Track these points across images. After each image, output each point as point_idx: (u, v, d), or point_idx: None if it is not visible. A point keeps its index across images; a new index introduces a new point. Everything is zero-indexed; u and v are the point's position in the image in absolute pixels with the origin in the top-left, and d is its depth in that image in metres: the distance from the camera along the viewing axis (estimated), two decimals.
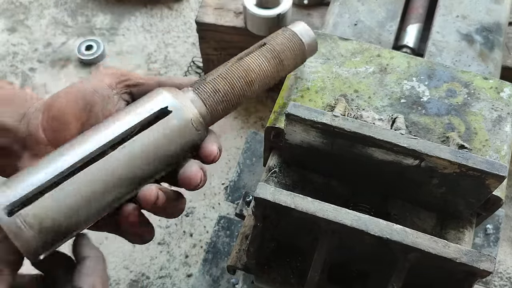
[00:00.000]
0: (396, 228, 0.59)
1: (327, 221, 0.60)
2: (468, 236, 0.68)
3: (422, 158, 0.62)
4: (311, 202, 0.61)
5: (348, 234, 0.60)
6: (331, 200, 0.63)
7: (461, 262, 0.58)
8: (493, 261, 0.58)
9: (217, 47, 1.17)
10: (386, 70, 0.76)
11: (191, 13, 1.39)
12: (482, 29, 0.88)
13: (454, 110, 0.73)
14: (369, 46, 0.79)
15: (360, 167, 0.67)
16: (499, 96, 0.74)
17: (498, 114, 0.73)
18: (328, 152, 0.66)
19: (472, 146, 0.70)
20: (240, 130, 1.17)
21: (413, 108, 0.73)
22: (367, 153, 0.64)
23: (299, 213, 0.60)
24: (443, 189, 0.65)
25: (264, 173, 0.73)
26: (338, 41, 0.79)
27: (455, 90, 0.75)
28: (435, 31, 0.88)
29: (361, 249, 0.63)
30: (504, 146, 0.70)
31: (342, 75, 0.76)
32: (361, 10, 0.91)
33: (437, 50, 0.86)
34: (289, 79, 0.76)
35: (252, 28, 1.06)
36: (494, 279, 0.97)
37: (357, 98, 0.74)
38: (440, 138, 0.71)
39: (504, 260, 0.99)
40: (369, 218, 0.60)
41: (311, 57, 0.68)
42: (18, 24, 1.59)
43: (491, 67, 0.84)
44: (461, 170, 0.61)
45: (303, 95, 0.74)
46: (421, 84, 0.75)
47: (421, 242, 0.59)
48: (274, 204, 0.60)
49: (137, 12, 1.41)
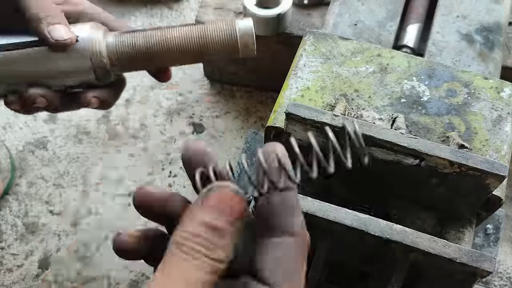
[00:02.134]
0: (396, 228, 0.59)
1: (327, 221, 0.60)
2: (468, 236, 0.68)
3: (422, 157, 0.62)
4: (311, 202, 0.61)
5: (348, 234, 0.60)
6: (331, 200, 0.63)
7: (461, 262, 0.58)
8: (493, 261, 0.58)
9: None
10: (386, 70, 0.76)
11: (191, 13, 1.39)
12: (482, 29, 0.88)
13: (454, 110, 0.73)
14: (369, 46, 0.79)
15: (360, 167, 0.67)
16: (499, 96, 0.74)
17: (498, 114, 0.73)
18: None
19: (472, 145, 0.70)
20: (240, 130, 1.16)
21: (413, 107, 0.73)
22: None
23: None
24: (443, 189, 0.65)
25: None
26: (338, 40, 0.79)
27: (455, 90, 0.75)
28: (435, 31, 0.88)
29: (361, 249, 0.63)
30: (504, 146, 0.70)
31: (342, 74, 0.76)
32: (361, 10, 0.91)
33: (437, 50, 0.86)
34: (289, 78, 0.76)
35: None
36: (494, 279, 0.97)
37: (357, 97, 0.74)
38: (440, 138, 0.71)
39: (504, 260, 0.99)
40: (369, 218, 0.60)
41: (249, 55, 0.66)
42: None
43: (491, 67, 0.84)
44: (461, 169, 0.61)
45: (303, 94, 0.74)
46: (421, 83, 0.75)
47: (421, 242, 0.59)
48: None
49: (137, 12, 1.41)
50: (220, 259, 0.36)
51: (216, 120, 1.18)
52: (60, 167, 1.10)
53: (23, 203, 1.06)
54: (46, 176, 1.09)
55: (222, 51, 0.64)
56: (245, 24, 0.64)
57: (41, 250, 1.01)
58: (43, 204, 1.06)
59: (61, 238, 1.02)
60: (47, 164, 1.10)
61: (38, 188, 1.07)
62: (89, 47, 0.62)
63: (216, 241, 0.36)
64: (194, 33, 0.63)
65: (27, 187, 1.07)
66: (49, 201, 1.06)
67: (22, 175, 1.09)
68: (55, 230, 1.03)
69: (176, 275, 0.35)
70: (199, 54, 0.64)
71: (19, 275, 0.99)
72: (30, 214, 1.05)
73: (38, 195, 1.07)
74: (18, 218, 1.04)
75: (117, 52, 0.63)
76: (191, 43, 0.63)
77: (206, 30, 0.63)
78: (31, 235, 1.02)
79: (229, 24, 0.63)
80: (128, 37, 0.64)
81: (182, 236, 0.37)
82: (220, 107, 1.20)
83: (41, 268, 0.99)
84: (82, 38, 0.62)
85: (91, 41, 0.62)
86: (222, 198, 0.38)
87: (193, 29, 0.63)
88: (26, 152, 1.11)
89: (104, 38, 0.63)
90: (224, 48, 0.64)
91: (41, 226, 1.03)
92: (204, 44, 0.63)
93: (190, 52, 0.64)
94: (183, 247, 0.36)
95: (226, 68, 1.21)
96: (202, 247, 0.36)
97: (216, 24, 0.63)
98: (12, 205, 1.05)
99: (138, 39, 0.63)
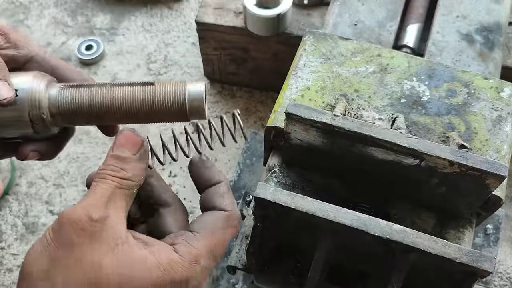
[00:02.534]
0: (396, 228, 0.59)
1: (327, 221, 0.60)
2: (468, 236, 0.68)
3: (422, 157, 0.62)
4: (311, 202, 0.61)
5: (348, 234, 0.60)
6: (331, 200, 0.63)
7: (461, 262, 0.58)
8: (493, 261, 0.58)
9: (217, 47, 1.17)
10: (387, 70, 0.76)
11: (191, 13, 1.39)
12: (482, 29, 0.88)
13: (454, 110, 0.73)
14: (369, 46, 0.79)
15: (360, 166, 0.67)
16: (499, 96, 0.74)
17: (498, 114, 0.73)
18: (328, 152, 0.66)
19: (472, 145, 0.70)
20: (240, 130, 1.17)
21: (413, 107, 0.73)
22: (367, 153, 0.64)
23: (299, 213, 0.60)
24: (443, 189, 0.65)
25: (264, 173, 0.73)
26: (338, 40, 0.79)
27: (455, 90, 0.75)
28: (435, 31, 0.88)
29: (361, 249, 0.63)
30: (504, 146, 0.70)
31: (342, 74, 0.76)
32: (361, 10, 0.91)
33: (437, 50, 0.86)
34: (289, 78, 0.76)
35: (252, 28, 1.06)
36: (494, 279, 0.97)
37: (357, 97, 0.74)
38: (440, 138, 0.71)
39: (504, 260, 0.99)
40: (369, 218, 0.60)
41: (200, 119, 0.62)
42: (18, 24, 1.59)
43: (491, 67, 0.84)
44: (461, 169, 0.61)
45: (303, 94, 0.74)
46: (421, 83, 0.75)
47: (421, 242, 0.59)
48: (274, 204, 0.60)
49: (137, 12, 1.41)
50: (126, 177, 0.51)
51: (216, 120, 1.18)
52: (60, 167, 1.10)
53: (23, 203, 1.06)
54: (46, 176, 1.09)
55: (170, 116, 0.60)
56: (196, 89, 0.59)
57: None
58: (43, 204, 1.06)
59: None
60: (47, 164, 1.10)
61: (38, 188, 1.07)
62: (28, 100, 0.58)
63: (122, 166, 0.52)
64: (141, 95, 0.59)
65: (27, 187, 1.07)
66: (49, 201, 1.06)
67: (22, 175, 1.09)
68: None
69: (93, 194, 0.50)
70: (146, 117, 0.60)
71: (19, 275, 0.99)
72: (30, 214, 1.05)
73: (38, 195, 1.07)
74: (18, 218, 1.04)
75: (59, 107, 0.60)
76: (137, 106, 0.59)
77: (154, 92, 0.59)
78: (31, 235, 1.02)
79: (178, 89, 0.59)
80: (72, 92, 0.60)
81: (100, 168, 0.52)
82: (220, 107, 1.20)
83: None
84: (22, 89, 0.58)
85: (31, 93, 0.59)
86: (123, 138, 0.54)
87: (141, 90, 0.59)
88: None
89: (46, 90, 0.60)
90: (172, 113, 0.60)
91: (41, 226, 1.03)
92: (151, 108, 0.59)
93: (136, 114, 0.60)
94: (100, 175, 0.51)
95: (226, 68, 1.21)
96: (111, 171, 0.51)
97: (165, 87, 0.60)
98: (12, 205, 1.05)
99: (82, 95, 0.59)
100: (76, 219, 0.47)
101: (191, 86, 0.60)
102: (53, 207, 1.05)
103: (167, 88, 0.60)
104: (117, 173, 0.51)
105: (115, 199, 0.50)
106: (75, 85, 0.61)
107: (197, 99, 0.59)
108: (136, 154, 0.53)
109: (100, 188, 0.50)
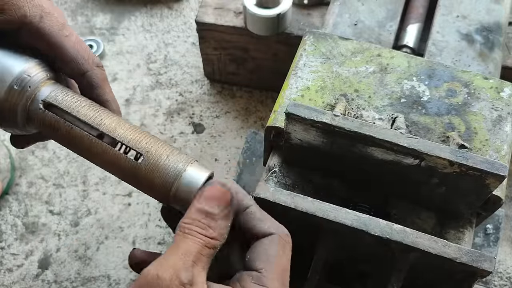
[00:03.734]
0: (396, 228, 0.59)
1: (327, 221, 0.60)
2: (468, 236, 0.68)
3: (422, 157, 0.62)
4: (311, 202, 0.61)
5: (348, 234, 0.60)
6: (331, 200, 0.63)
7: (461, 262, 0.58)
8: (493, 261, 0.58)
9: (217, 47, 1.17)
10: (386, 70, 0.76)
11: (191, 13, 1.39)
12: (482, 29, 0.88)
13: (454, 110, 0.73)
14: (369, 46, 0.79)
15: (360, 166, 0.67)
16: (499, 96, 0.74)
17: (498, 114, 0.73)
18: (328, 152, 0.66)
19: (472, 145, 0.70)
20: (240, 130, 1.16)
21: (413, 107, 0.73)
22: (367, 153, 0.64)
23: (299, 213, 0.60)
24: (443, 189, 0.65)
25: (264, 173, 0.73)
26: (338, 40, 0.79)
27: (455, 90, 0.75)
28: (435, 31, 0.88)
29: (361, 249, 0.63)
30: (504, 145, 0.70)
31: (342, 74, 0.76)
32: (361, 10, 0.91)
33: (437, 50, 0.86)
34: (289, 78, 0.76)
35: (252, 28, 1.06)
36: (494, 279, 0.97)
37: (357, 97, 0.74)
38: (440, 138, 0.71)
39: (504, 260, 0.99)
40: (369, 218, 0.60)
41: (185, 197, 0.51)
42: None
43: (491, 67, 0.84)
44: (461, 169, 0.61)
45: (303, 94, 0.74)
46: (421, 83, 0.75)
47: (421, 242, 0.59)
48: (274, 204, 0.60)
49: (137, 12, 1.41)
50: (212, 236, 0.47)
51: (216, 120, 1.18)
52: (60, 167, 1.10)
53: (23, 203, 1.06)
54: (46, 176, 1.09)
55: (151, 194, 0.54)
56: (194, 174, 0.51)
57: (41, 250, 1.01)
58: (43, 204, 1.06)
59: (61, 238, 1.02)
60: (47, 164, 1.10)
61: (38, 188, 1.07)
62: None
63: (209, 223, 0.48)
64: (124, 166, 0.53)
65: (27, 187, 1.07)
66: (49, 201, 1.06)
67: (22, 175, 1.09)
68: (55, 230, 1.03)
69: (178, 249, 0.46)
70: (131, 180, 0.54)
71: (19, 275, 0.99)
72: (30, 214, 1.05)
73: (38, 195, 1.07)
74: (18, 218, 1.04)
75: (37, 127, 0.57)
76: (117, 173, 0.54)
77: (139, 170, 0.52)
78: (31, 235, 1.02)
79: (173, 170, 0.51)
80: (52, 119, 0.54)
81: (184, 222, 0.48)
82: (220, 107, 1.20)
83: (41, 268, 0.99)
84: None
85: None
86: (212, 191, 0.49)
87: (126, 162, 0.52)
88: (26, 152, 1.11)
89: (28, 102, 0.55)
90: (154, 187, 0.52)
91: (41, 226, 1.03)
92: (133, 183, 0.54)
93: (115, 174, 0.55)
94: (185, 229, 0.47)
95: (226, 68, 1.21)
96: (198, 228, 0.47)
97: (156, 164, 0.51)
98: (12, 205, 1.05)
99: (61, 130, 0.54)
100: (167, 282, 0.44)
101: (190, 169, 0.52)
102: (53, 207, 1.05)
103: (154, 171, 0.51)
104: (204, 231, 0.47)
105: (201, 259, 0.46)
106: (59, 109, 0.54)
107: (190, 186, 0.51)
108: (224, 211, 0.49)
109: (187, 245, 0.46)
